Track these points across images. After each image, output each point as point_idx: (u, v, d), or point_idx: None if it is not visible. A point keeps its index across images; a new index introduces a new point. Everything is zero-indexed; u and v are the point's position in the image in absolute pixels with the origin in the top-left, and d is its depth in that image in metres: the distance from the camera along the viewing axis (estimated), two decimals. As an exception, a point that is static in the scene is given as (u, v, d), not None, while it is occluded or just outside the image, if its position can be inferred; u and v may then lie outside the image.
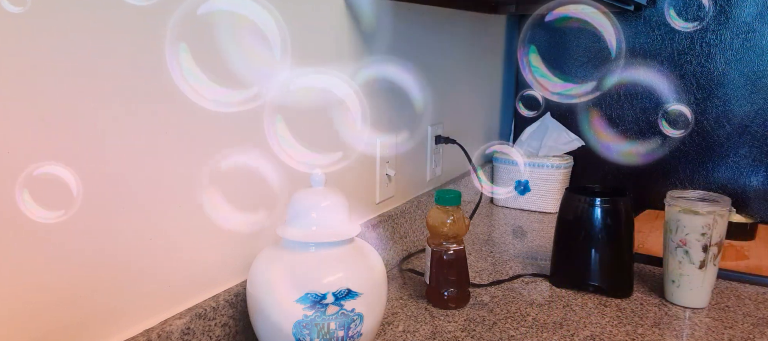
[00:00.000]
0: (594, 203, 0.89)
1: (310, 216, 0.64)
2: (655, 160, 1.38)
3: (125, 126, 0.55)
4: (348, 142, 0.48)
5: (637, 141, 1.36)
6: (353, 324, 0.62)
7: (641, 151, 1.32)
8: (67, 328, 0.52)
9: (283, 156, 0.47)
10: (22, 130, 0.47)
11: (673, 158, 1.36)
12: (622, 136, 1.38)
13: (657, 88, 1.28)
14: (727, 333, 0.79)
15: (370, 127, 0.49)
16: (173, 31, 0.39)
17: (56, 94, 0.49)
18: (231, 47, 0.43)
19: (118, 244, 0.56)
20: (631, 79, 1.33)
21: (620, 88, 1.38)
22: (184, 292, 0.64)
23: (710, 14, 1.18)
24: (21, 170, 0.41)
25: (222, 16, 0.41)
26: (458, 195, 0.86)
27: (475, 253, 1.10)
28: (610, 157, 1.35)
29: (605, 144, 1.36)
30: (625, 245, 0.90)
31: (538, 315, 0.84)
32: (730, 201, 0.86)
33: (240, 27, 0.41)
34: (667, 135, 0.72)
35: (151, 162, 0.59)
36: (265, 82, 0.42)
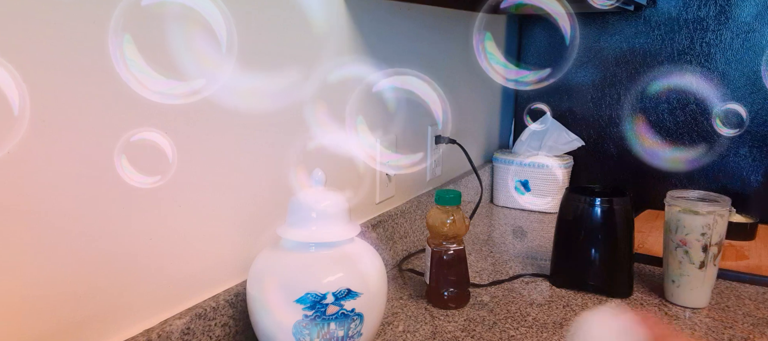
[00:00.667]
0: (594, 203, 0.89)
1: (310, 216, 0.64)
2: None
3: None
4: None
5: (683, 146, 1.33)
6: (353, 324, 0.62)
7: (688, 156, 1.30)
8: (67, 328, 0.52)
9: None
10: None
11: (674, 158, 1.36)
12: (668, 142, 1.35)
13: (701, 92, 1.27)
14: (727, 333, 0.79)
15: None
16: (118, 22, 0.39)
17: (57, 95, 0.49)
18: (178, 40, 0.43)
19: (118, 244, 0.56)
20: (675, 83, 1.31)
21: (666, 94, 1.35)
22: (184, 292, 0.64)
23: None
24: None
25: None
26: (458, 195, 0.86)
27: (475, 253, 1.10)
28: (655, 163, 1.32)
29: (650, 150, 1.34)
30: (625, 245, 0.90)
31: (538, 315, 0.84)
32: (730, 201, 0.86)
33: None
34: (720, 134, 0.71)
35: (150, 161, 0.58)
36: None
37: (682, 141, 1.34)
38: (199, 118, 0.63)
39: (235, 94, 0.68)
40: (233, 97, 0.68)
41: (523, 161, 1.39)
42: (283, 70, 0.75)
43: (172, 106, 0.60)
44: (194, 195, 0.64)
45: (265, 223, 0.74)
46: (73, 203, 0.51)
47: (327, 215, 0.64)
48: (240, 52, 0.68)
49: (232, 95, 0.68)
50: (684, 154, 1.32)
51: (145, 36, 0.53)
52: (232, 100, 0.67)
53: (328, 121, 0.86)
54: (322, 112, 0.84)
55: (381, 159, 0.98)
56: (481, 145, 1.47)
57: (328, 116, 0.85)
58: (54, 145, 0.49)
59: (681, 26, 1.31)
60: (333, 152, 0.87)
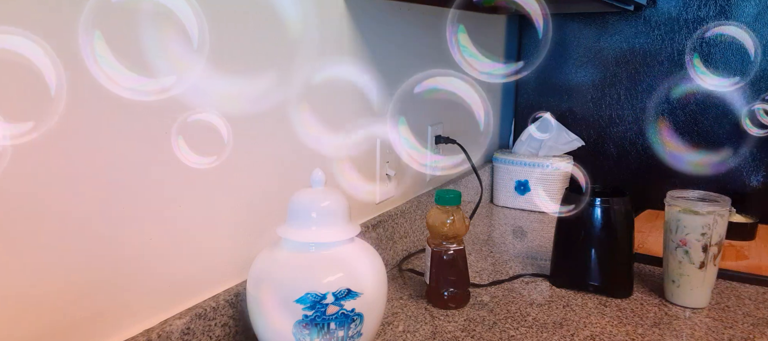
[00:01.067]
0: (594, 203, 0.89)
1: (310, 216, 0.64)
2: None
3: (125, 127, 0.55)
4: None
5: (709, 150, 1.32)
6: (353, 324, 0.62)
7: (714, 160, 1.28)
8: (68, 328, 0.52)
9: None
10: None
11: (674, 158, 1.36)
12: (693, 146, 1.33)
13: (728, 97, 1.25)
14: (727, 333, 0.79)
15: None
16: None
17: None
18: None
19: (118, 244, 0.56)
20: (700, 88, 1.29)
21: (691, 97, 1.34)
22: (184, 292, 0.64)
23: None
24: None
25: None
26: (458, 195, 0.86)
27: (475, 253, 1.10)
28: (679, 167, 1.31)
29: (674, 154, 1.33)
30: (625, 245, 0.90)
31: (538, 315, 0.84)
32: (730, 201, 0.86)
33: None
34: (751, 134, 0.71)
35: (151, 162, 0.59)
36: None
37: (707, 144, 1.34)
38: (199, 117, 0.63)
39: (233, 95, 0.68)
40: (231, 99, 0.68)
41: (523, 161, 1.39)
42: (283, 69, 0.75)
43: (172, 105, 0.60)
44: (195, 195, 0.64)
45: (265, 223, 0.74)
46: (73, 203, 0.51)
47: (327, 215, 0.64)
48: (237, 55, 0.68)
49: (230, 97, 0.68)
50: (708, 158, 1.29)
51: (117, 33, 0.53)
52: (232, 101, 0.68)
53: (334, 121, 0.86)
54: (326, 111, 0.84)
55: (424, 160, 0.99)
56: (481, 145, 1.47)
57: (332, 116, 0.85)
58: (54, 144, 0.49)
59: (681, 26, 1.31)
60: (333, 152, 0.88)
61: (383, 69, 0.98)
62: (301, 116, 0.78)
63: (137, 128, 0.57)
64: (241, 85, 0.69)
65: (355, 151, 0.94)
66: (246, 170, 0.71)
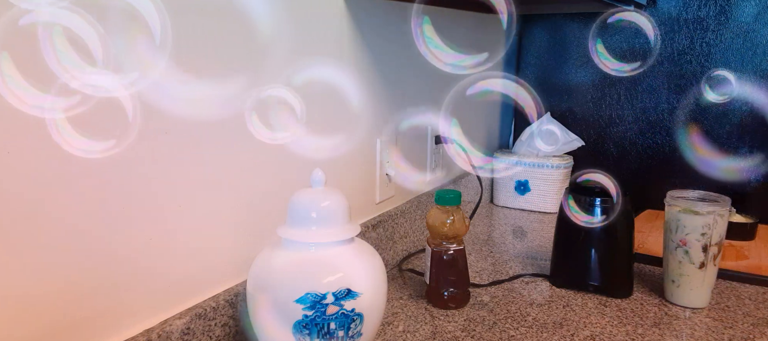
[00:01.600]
0: (594, 203, 0.89)
1: (310, 216, 0.64)
2: (662, 161, 1.38)
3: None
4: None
5: (738, 156, 1.30)
6: (353, 324, 0.62)
7: (744, 166, 1.26)
8: (68, 328, 0.52)
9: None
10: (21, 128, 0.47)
11: (674, 158, 1.36)
12: (722, 151, 1.31)
13: (760, 102, 1.24)
14: (727, 333, 0.79)
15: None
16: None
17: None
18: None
19: (117, 244, 0.56)
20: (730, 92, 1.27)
21: (723, 104, 1.32)
22: (184, 292, 0.64)
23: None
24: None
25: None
26: (458, 195, 0.86)
27: (475, 253, 1.10)
28: (709, 172, 1.29)
29: (704, 159, 1.31)
30: (625, 245, 0.90)
31: (538, 315, 0.84)
32: (730, 201, 0.86)
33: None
34: (712, 102, 0.70)
35: (151, 162, 0.59)
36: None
37: (683, 141, 1.34)
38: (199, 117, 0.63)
39: (234, 95, 0.68)
40: (231, 98, 0.68)
41: (523, 161, 1.39)
42: (284, 71, 0.75)
43: (174, 104, 0.60)
44: (194, 195, 0.64)
45: (265, 223, 0.74)
46: (73, 203, 0.51)
47: (327, 215, 0.64)
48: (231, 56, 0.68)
49: (229, 97, 0.68)
50: (740, 164, 1.27)
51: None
52: (232, 101, 0.68)
53: (335, 121, 0.86)
54: (329, 112, 0.84)
55: (474, 162, 0.99)
56: (481, 145, 1.47)
57: (338, 116, 0.85)
58: (54, 144, 0.49)
59: (681, 26, 1.31)
60: (335, 151, 0.88)
61: (383, 69, 0.98)
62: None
63: (137, 127, 0.57)
64: (241, 85, 0.69)
65: (354, 148, 0.94)
66: (246, 170, 0.71)
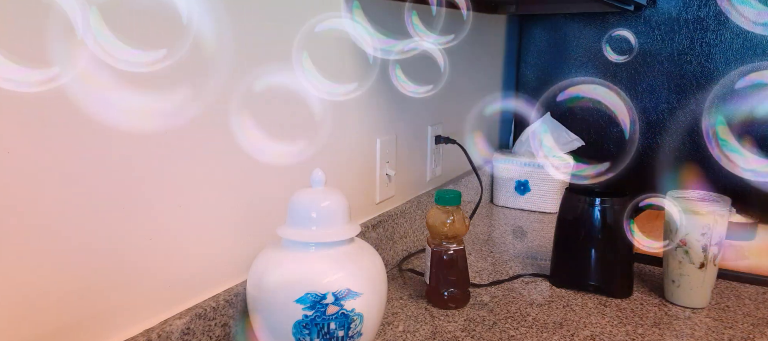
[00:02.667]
0: (594, 203, 0.89)
1: (310, 216, 0.64)
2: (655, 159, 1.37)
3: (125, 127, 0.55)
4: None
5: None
6: (353, 324, 0.63)
7: None
8: (67, 328, 0.52)
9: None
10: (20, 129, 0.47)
11: (674, 158, 1.36)
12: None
13: None
14: (727, 333, 0.79)
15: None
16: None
17: (56, 94, 0.49)
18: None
19: (118, 244, 0.56)
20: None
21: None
22: (184, 292, 0.64)
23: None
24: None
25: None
26: (458, 195, 0.86)
27: (475, 253, 1.10)
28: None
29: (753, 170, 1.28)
30: (625, 245, 0.90)
31: (538, 315, 0.84)
32: (730, 201, 0.86)
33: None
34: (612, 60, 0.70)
35: (151, 161, 0.59)
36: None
37: (683, 141, 1.34)
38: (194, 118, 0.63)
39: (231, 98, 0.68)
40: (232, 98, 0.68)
41: (523, 161, 1.39)
42: (286, 72, 0.75)
43: (172, 104, 0.60)
44: (194, 195, 0.64)
45: (265, 223, 0.74)
46: (73, 203, 0.51)
47: (327, 215, 0.64)
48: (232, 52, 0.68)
49: (225, 101, 0.68)
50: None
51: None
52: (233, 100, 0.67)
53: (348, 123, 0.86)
54: (334, 113, 0.84)
55: (560, 168, 0.98)
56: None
57: (343, 118, 0.85)
58: (54, 144, 0.49)
59: (681, 26, 1.31)
60: (336, 151, 0.88)
61: (383, 70, 0.98)
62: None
63: (138, 127, 0.57)
64: (242, 85, 0.69)
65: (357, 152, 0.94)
66: (246, 170, 0.71)
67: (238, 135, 0.69)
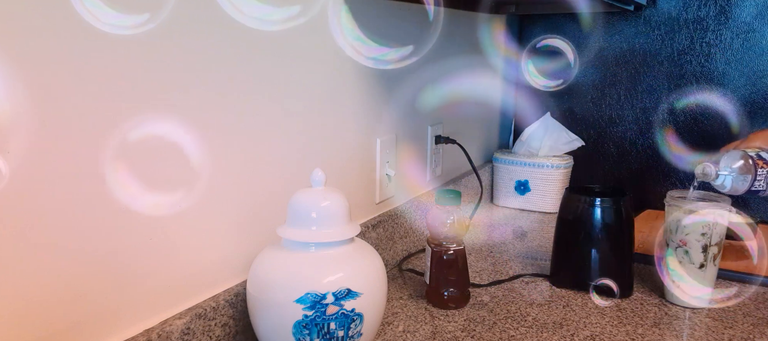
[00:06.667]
0: (594, 203, 0.89)
1: (310, 216, 0.64)
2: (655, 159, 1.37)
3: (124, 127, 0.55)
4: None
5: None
6: (353, 324, 0.63)
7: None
8: (67, 328, 0.52)
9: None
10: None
11: (673, 158, 1.36)
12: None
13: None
14: (727, 333, 0.79)
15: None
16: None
17: (56, 95, 0.49)
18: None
19: (117, 244, 0.56)
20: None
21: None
22: (184, 292, 0.64)
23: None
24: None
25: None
26: (458, 195, 0.86)
27: (475, 253, 1.10)
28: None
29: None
30: (625, 245, 0.90)
31: (538, 315, 0.84)
32: (730, 201, 0.86)
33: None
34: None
35: (151, 161, 0.59)
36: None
37: (683, 141, 1.34)
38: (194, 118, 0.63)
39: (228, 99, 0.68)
40: (230, 98, 0.68)
41: (523, 161, 1.39)
42: (282, 68, 0.75)
43: (171, 104, 0.60)
44: (194, 195, 0.64)
45: (265, 223, 0.74)
46: (73, 203, 0.51)
47: (327, 215, 0.64)
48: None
49: (225, 101, 0.68)
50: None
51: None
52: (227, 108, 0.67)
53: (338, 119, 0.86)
54: (338, 115, 0.84)
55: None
56: (481, 145, 1.47)
57: (350, 120, 0.85)
58: (54, 144, 0.49)
59: (681, 26, 1.31)
60: (335, 151, 0.88)
61: (383, 70, 0.98)
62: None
63: (136, 127, 0.57)
64: (241, 84, 0.69)
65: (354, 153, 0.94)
66: (246, 170, 0.71)
67: (238, 134, 0.69)
